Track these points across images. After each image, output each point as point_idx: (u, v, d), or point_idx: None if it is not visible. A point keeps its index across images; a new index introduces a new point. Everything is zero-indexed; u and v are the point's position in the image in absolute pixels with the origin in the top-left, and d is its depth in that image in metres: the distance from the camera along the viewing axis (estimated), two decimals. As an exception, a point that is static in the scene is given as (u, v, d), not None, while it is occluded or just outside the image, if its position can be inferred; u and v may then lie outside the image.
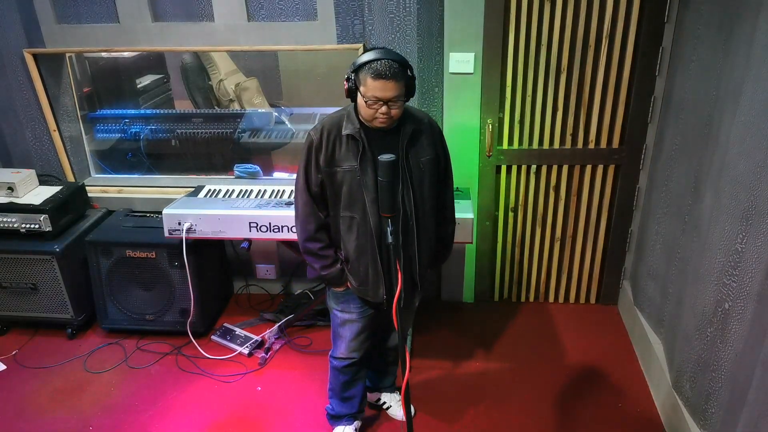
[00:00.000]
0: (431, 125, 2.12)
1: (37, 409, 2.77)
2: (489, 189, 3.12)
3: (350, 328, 2.27)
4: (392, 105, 1.91)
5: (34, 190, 3.18)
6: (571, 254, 3.26)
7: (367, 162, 1.99)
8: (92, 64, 3.60)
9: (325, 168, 2.03)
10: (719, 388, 2.08)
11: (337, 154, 2.02)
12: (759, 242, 1.83)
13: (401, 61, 1.91)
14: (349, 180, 2.01)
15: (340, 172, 2.02)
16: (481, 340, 3.12)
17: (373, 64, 1.87)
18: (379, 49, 1.92)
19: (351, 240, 2.09)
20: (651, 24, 2.70)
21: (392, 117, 1.94)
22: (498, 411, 2.68)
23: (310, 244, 2.14)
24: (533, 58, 2.81)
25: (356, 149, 1.99)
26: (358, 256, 2.10)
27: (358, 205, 2.03)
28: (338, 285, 2.21)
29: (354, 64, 1.93)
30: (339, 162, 2.02)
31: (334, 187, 2.05)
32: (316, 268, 2.18)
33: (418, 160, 2.05)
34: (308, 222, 2.12)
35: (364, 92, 1.90)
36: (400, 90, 1.90)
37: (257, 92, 4.28)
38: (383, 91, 1.87)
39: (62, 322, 3.18)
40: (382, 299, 2.15)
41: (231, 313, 3.40)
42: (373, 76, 1.86)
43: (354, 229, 2.07)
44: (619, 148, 2.97)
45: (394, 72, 1.87)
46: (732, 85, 2.02)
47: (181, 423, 2.66)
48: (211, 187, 3.10)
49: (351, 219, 2.06)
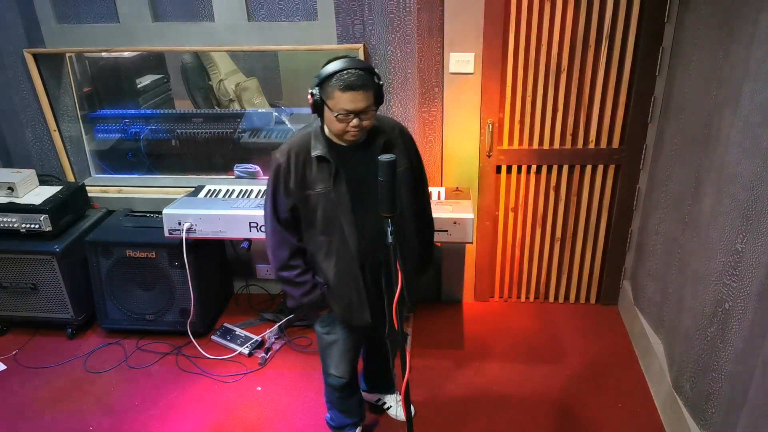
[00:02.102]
0: (402, 134, 2.04)
1: (37, 409, 2.77)
2: (489, 189, 3.12)
3: (337, 349, 2.20)
4: (363, 117, 1.81)
5: (34, 190, 3.18)
6: (571, 254, 3.26)
7: (340, 182, 1.90)
8: (92, 64, 3.60)
9: (297, 192, 1.92)
10: (719, 388, 2.08)
11: (308, 176, 1.91)
12: (759, 242, 1.83)
13: (368, 68, 1.81)
14: (324, 202, 1.92)
15: (313, 196, 1.92)
16: (481, 340, 3.12)
17: (340, 76, 1.75)
18: (342, 59, 1.80)
19: (330, 266, 1.99)
20: (651, 24, 2.70)
21: (364, 128, 1.85)
22: (498, 411, 2.68)
23: (285, 273, 2.03)
24: (533, 58, 2.81)
25: (328, 170, 1.90)
26: (340, 281, 2.00)
27: (336, 228, 1.94)
28: (321, 309, 2.11)
29: (318, 77, 1.81)
30: (311, 185, 1.92)
31: (307, 211, 1.95)
32: (296, 297, 2.05)
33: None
34: (280, 250, 2.00)
35: (332, 106, 1.79)
36: (370, 99, 1.80)
37: (257, 92, 4.29)
38: (353, 102, 1.76)
39: (62, 322, 3.19)
40: (367, 322, 2.07)
41: (231, 313, 3.40)
42: (341, 88, 1.75)
43: (333, 253, 1.97)
44: (619, 148, 2.97)
45: (363, 81, 1.76)
46: (732, 85, 2.02)
47: (181, 423, 2.66)
48: (211, 187, 3.10)
49: (329, 243, 1.96)
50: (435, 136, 3.04)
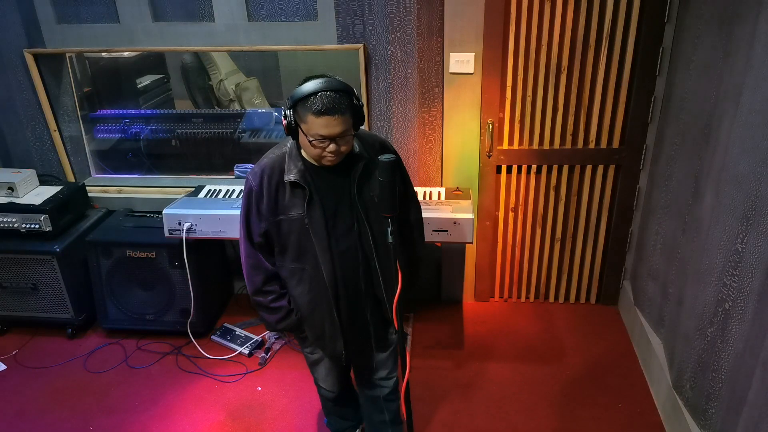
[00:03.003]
0: (384, 149, 1.90)
1: (37, 409, 2.77)
2: (489, 189, 3.12)
3: (323, 367, 2.14)
4: (340, 141, 1.69)
5: (34, 190, 3.18)
6: (571, 254, 3.26)
7: (314, 208, 1.79)
8: (92, 64, 3.60)
9: (270, 217, 1.82)
10: (720, 388, 2.08)
11: (281, 201, 1.80)
12: (759, 242, 1.83)
13: (344, 89, 1.67)
14: (297, 229, 1.81)
15: (286, 221, 1.81)
16: (481, 340, 3.12)
17: (312, 99, 1.62)
18: (318, 78, 1.66)
19: (302, 293, 1.90)
20: (651, 24, 2.70)
21: (342, 153, 1.73)
22: (498, 411, 2.68)
23: (259, 298, 1.94)
24: (533, 58, 2.81)
25: (302, 195, 1.78)
26: (313, 310, 1.92)
27: (309, 256, 1.83)
28: (299, 333, 2.05)
29: (291, 99, 1.68)
30: (284, 210, 1.81)
31: (280, 237, 1.85)
32: (271, 322, 1.98)
33: (373, 194, 1.82)
34: (255, 274, 1.91)
35: (306, 130, 1.67)
36: (347, 123, 1.68)
37: (257, 92, 4.28)
38: (328, 128, 1.64)
39: (62, 322, 3.19)
40: (340, 354, 1.98)
41: (231, 313, 3.40)
42: (315, 113, 1.62)
43: (305, 281, 1.88)
44: (620, 148, 2.97)
45: (338, 104, 1.63)
46: (732, 85, 2.02)
47: (181, 423, 2.66)
48: (211, 187, 3.10)
49: (301, 271, 1.87)
50: (435, 136, 3.04)
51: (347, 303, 1.92)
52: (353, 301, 1.93)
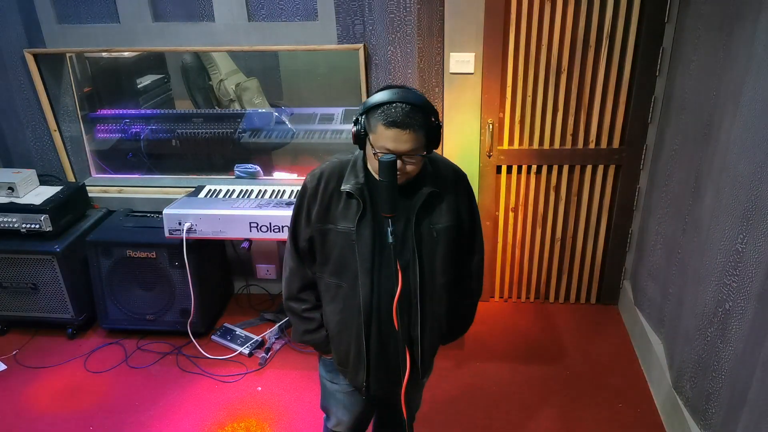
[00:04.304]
0: (457, 182, 1.73)
1: (37, 409, 2.77)
2: (489, 189, 3.12)
3: (341, 402, 1.93)
4: (407, 160, 1.54)
5: (34, 190, 3.18)
6: (572, 254, 3.26)
7: (365, 225, 1.63)
8: (92, 64, 3.60)
9: (317, 224, 1.68)
10: (720, 388, 2.08)
11: (332, 209, 1.67)
12: (759, 242, 1.83)
13: (423, 105, 1.52)
14: (342, 243, 1.66)
15: (333, 232, 1.67)
16: (481, 340, 3.12)
17: (385, 108, 1.49)
18: (396, 88, 1.53)
19: (334, 312, 1.75)
20: (651, 24, 2.70)
21: (407, 174, 1.57)
22: (498, 411, 2.68)
23: (293, 304, 1.82)
24: (533, 58, 2.81)
25: (356, 208, 1.64)
26: (340, 331, 1.76)
27: (349, 274, 1.68)
28: (325, 353, 1.87)
29: (364, 105, 1.56)
30: (334, 220, 1.66)
31: (325, 247, 1.70)
32: (299, 331, 1.85)
33: (432, 227, 1.66)
34: (293, 279, 1.80)
35: (373, 141, 1.53)
36: (418, 142, 1.52)
37: (258, 92, 4.28)
38: (396, 142, 1.50)
39: (62, 322, 3.18)
40: (361, 386, 1.80)
41: (231, 313, 3.40)
42: (385, 124, 1.49)
43: (339, 299, 1.73)
44: (620, 149, 2.97)
45: (411, 119, 1.49)
46: (732, 85, 2.02)
47: (181, 423, 2.66)
48: (211, 187, 3.10)
49: (337, 287, 1.72)
50: (435, 136, 3.04)
51: (378, 333, 1.73)
52: (385, 333, 1.74)
